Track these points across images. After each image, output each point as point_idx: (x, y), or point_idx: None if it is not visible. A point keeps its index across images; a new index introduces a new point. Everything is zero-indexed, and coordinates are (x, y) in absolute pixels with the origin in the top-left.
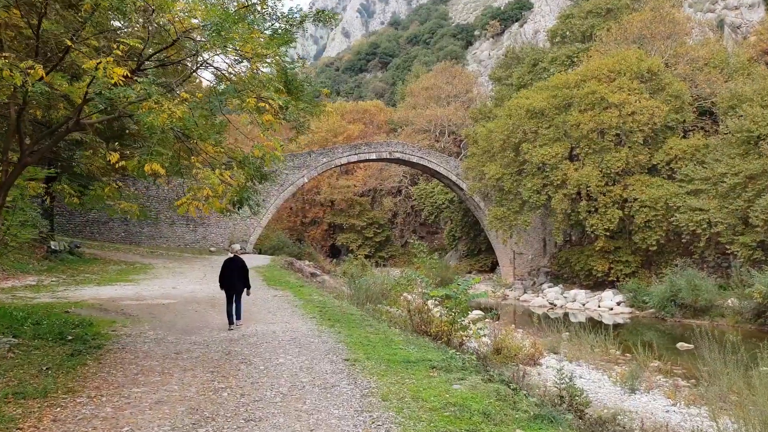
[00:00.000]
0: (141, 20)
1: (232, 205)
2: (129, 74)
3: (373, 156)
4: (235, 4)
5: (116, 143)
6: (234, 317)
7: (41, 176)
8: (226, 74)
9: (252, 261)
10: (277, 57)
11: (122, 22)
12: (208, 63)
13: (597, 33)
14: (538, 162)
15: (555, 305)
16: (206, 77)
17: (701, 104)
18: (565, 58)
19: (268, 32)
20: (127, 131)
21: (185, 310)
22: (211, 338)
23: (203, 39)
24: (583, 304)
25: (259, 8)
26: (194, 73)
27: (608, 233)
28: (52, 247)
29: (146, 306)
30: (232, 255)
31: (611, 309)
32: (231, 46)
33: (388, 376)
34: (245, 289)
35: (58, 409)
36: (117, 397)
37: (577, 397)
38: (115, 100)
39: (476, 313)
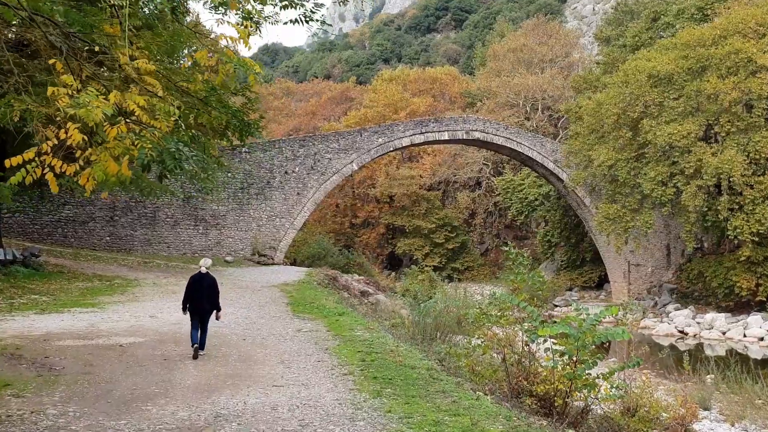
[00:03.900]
0: None
1: (144, 168)
2: None
3: (445, 136)
4: None
5: None
6: (198, 343)
7: None
8: None
9: (279, 275)
10: None
11: None
12: None
13: None
14: (663, 144)
15: (685, 334)
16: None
17: None
18: (695, 10)
19: None
20: None
21: (148, 357)
22: (155, 426)
23: None
24: (723, 333)
25: None
26: None
27: (756, 238)
28: None
29: (91, 350)
30: (202, 271)
31: (761, 339)
32: None
33: None
34: (214, 312)
35: None
36: None
37: None
38: None
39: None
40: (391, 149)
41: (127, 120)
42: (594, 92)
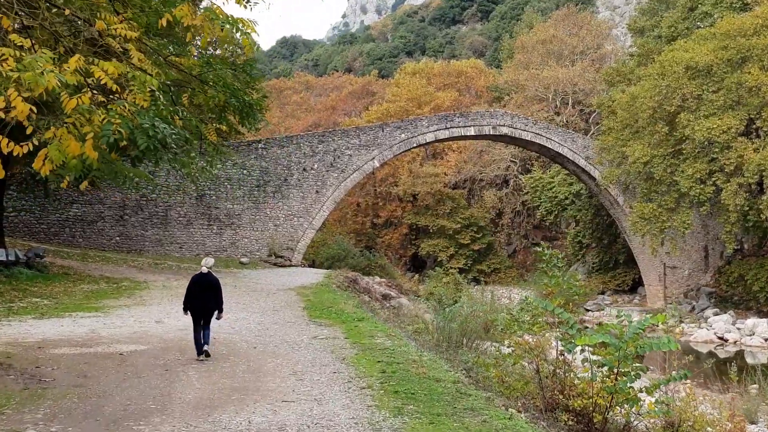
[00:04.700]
0: None
1: (111, 148)
2: None
3: (471, 131)
4: None
5: None
6: (202, 344)
7: None
8: None
9: (297, 278)
10: None
11: None
12: None
13: None
14: (702, 139)
15: (725, 340)
16: None
17: None
18: None
19: None
20: None
21: (149, 367)
22: None
23: None
24: (766, 339)
25: None
26: None
27: None
28: None
29: (87, 358)
30: (203, 271)
31: None
32: None
33: None
34: (216, 312)
35: None
36: None
37: None
38: None
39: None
40: (415, 145)
41: (94, 91)
42: (628, 85)
